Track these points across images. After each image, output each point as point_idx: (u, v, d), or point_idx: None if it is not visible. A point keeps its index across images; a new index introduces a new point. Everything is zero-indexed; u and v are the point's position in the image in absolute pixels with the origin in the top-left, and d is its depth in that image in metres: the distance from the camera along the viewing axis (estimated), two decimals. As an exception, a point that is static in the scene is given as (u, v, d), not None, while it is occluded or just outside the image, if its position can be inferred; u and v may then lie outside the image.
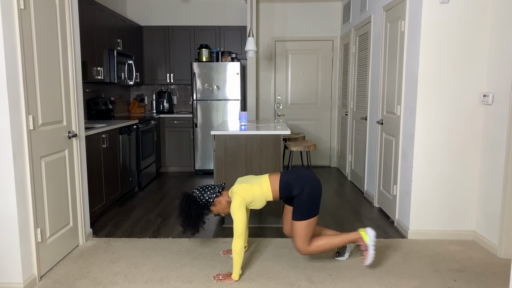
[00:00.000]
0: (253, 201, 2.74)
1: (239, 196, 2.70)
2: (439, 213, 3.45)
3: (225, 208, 2.84)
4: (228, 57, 6.01)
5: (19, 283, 2.54)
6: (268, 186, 2.73)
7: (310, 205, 2.67)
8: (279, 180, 2.75)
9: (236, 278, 2.68)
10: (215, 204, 2.80)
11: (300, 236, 2.70)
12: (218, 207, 2.82)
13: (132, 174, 4.94)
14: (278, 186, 2.73)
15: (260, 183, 2.74)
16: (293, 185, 2.70)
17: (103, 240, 3.42)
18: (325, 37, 6.48)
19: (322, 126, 6.69)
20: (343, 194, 4.97)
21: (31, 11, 2.60)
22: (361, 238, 2.75)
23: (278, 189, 2.73)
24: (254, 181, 2.76)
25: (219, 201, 2.81)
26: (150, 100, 6.72)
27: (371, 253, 2.72)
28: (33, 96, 2.63)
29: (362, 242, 2.75)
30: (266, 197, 2.75)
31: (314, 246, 2.73)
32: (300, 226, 2.69)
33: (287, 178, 2.74)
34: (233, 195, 2.73)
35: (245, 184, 2.74)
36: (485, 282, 2.69)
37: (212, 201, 2.78)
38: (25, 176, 2.57)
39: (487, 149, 3.27)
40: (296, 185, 2.69)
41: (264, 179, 2.76)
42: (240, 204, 2.67)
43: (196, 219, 2.74)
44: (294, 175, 2.74)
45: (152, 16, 6.61)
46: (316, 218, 2.73)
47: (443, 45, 3.28)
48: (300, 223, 2.68)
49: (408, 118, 3.54)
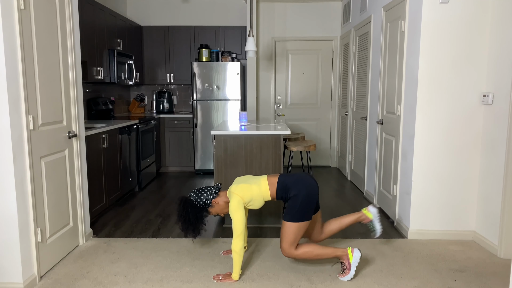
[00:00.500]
0: (251, 200, 2.73)
1: (238, 195, 2.69)
2: (439, 213, 3.45)
3: (223, 209, 2.84)
4: (228, 57, 6.01)
5: (19, 283, 2.54)
6: (267, 186, 2.74)
7: (304, 208, 2.66)
8: (277, 181, 2.75)
9: (236, 278, 2.68)
10: (213, 206, 2.80)
11: (288, 237, 2.68)
12: (216, 208, 2.81)
13: (132, 174, 4.94)
14: (276, 186, 2.74)
15: (258, 183, 2.75)
16: (290, 187, 2.70)
17: (103, 240, 3.42)
18: (325, 37, 6.48)
19: (322, 126, 6.69)
20: (343, 194, 4.97)
21: (31, 11, 2.61)
22: (347, 256, 2.72)
23: (275, 190, 2.74)
24: (252, 181, 2.76)
25: (217, 202, 2.80)
26: (150, 100, 6.72)
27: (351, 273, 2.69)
28: (33, 96, 2.63)
29: (347, 260, 2.72)
30: (264, 197, 2.75)
31: (301, 251, 2.70)
32: (290, 227, 2.67)
33: (285, 179, 2.75)
34: (231, 195, 2.72)
35: (243, 184, 2.74)
36: (485, 282, 2.69)
37: (209, 203, 2.78)
38: (25, 176, 2.57)
39: (487, 149, 3.27)
40: (294, 187, 2.69)
41: (263, 179, 2.77)
42: (238, 204, 2.67)
43: (195, 222, 2.73)
44: (292, 178, 2.74)
45: (152, 16, 6.61)
46: (307, 223, 2.70)
47: (443, 45, 3.28)
48: (290, 224, 2.67)
49: (408, 118, 3.54)
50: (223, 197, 2.83)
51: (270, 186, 2.74)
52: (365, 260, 3.02)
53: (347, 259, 2.71)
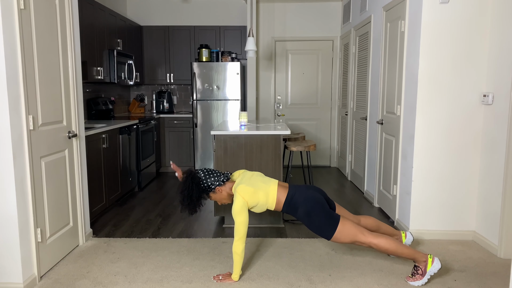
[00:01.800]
0: (255, 206, 2.71)
1: (243, 199, 2.64)
2: (439, 213, 3.45)
3: (223, 199, 2.79)
4: (228, 57, 6.01)
5: (19, 283, 2.54)
6: (274, 197, 2.69)
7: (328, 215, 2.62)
8: (287, 194, 2.70)
9: (236, 279, 2.68)
10: (215, 192, 2.75)
11: (349, 240, 2.61)
12: (218, 196, 2.77)
13: (132, 174, 4.94)
14: (284, 199, 2.69)
15: (266, 192, 2.69)
16: (299, 205, 2.65)
17: (103, 240, 3.42)
18: (325, 37, 6.48)
19: (322, 126, 6.69)
20: (343, 194, 4.97)
21: (31, 11, 2.61)
22: (426, 262, 2.61)
23: (283, 202, 2.70)
24: (260, 187, 2.69)
25: (220, 190, 2.75)
26: (150, 100, 6.72)
27: (424, 281, 2.60)
28: (33, 96, 2.63)
29: (424, 266, 2.61)
30: (268, 207, 2.72)
31: (377, 241, 2.60)
32: (341, 236, 2.62)
33: (294, 194, 2.69)
34: (236, 195, 2.66)
35: (251, 188, 2.67)
36: (485, 282, 2.69)
37: (213, 188, 2.73)
38: (25, 176, 2.57)
39: (487, 149, 3.27)
40: (302, 205, 2.64)
41: (272, 188, 2.71)
42: (242, 207, 2.63)
43: (196, 200, 2.70)
44: (302, 195, 2.67)
45: (152, 16, 6.61)
46: (342, 220, 2.63)
47: (443, 45, 3.28)
48: (337, 235, 2.61)
49: (408, 118, 3.54)
50: (228, 188, 2.78)
51: (278, 197, 2.70)
52: (365, 260, 3.02)
53: (425, 266, 2.60)
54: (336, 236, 2.62)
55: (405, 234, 3.03)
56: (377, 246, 2.59)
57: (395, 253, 2.60)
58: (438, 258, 2.78)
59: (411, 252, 2.60)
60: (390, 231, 3.01)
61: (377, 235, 2.61)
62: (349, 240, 2.62)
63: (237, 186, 2.69)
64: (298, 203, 2.66)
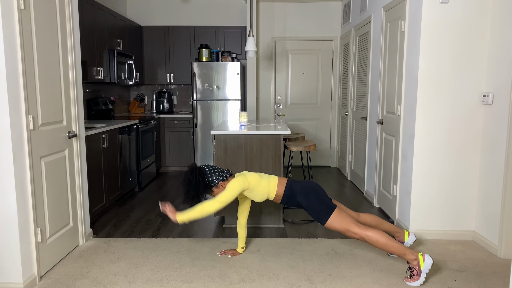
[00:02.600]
0: (255, 189, 2.82)
1: (246, 177, 2.80)
2: (439, 213, 3.45)
3: None
4: (228, 57, 6.01)
5: (19, 283, 2.54)
6: (275, 185, 2.87)
7: (323, 202, 2.77)
8: (286, 183, 2.89)
9: (179, 220, 2.71)
10: (218, 187, 2.86)
11: (343, 226, 2.72)
12: (220, 191, 2.87)
13: (132, 174, 4.94)
14: (284, 187, 2.87)
15: (268, 180, 2.88)
16: (297, 192, 2.83)
17: (103, 240, 3.42)
18: (325, 37, 6.48)
19: (322, 126, 6.69)
20: (343, 194, 4.97)
21: (31, 11, 2.61)
22: (418, 262, 2.63)
23: (283, 190, 2.87)
24: (263, 176, 2.90)
25: (223, 186, 2.86)
26: (150, 100, 6.72)
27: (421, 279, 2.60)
28: (33, 96, 2.63)
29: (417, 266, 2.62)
30: (269, 193, 2.86)
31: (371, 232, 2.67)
32: (334, 222, 2.73)
33: (292, 184, 2.88)
34: (240, 176, 2.81)
35: (256, 174, 2.88)
36: (485, 282, 2.69)
37: (217, 183, 2.84)
38: (25, 176, 2.57)
39: (487, 149, 3.27)
40: (301, 192, 2.82)
41: (273, 178, 2.91)
42: (240, 184, 2.77)
43: (202, 193, 2.80)
44: (299, 185, 2.87)
45: (152, 16, 6.61)
46: (338, 209, 2.77)
47: (443, 45, 3.28)
48: (331, 221, 2.74)
49: (408, 118, 3.54)
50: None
51: (278, 186, 2.87)
52: (365, 260, 3.02)
53: (418, 265, 2.63)
54: (330, 222, 2.74)
55: (408, 233, 3.10)
56: (368, 238, 2.67)
57: (384, 246, 2.65)
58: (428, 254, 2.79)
59: (402, 248, 2.65)
60: (392, 229, 3.09)
61: (369, 228, 2.70)
62: (343, 228, 2.72)
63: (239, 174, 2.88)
64: (296, 190, 2.84)
